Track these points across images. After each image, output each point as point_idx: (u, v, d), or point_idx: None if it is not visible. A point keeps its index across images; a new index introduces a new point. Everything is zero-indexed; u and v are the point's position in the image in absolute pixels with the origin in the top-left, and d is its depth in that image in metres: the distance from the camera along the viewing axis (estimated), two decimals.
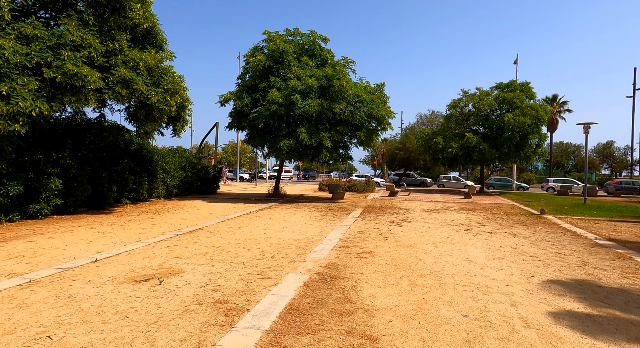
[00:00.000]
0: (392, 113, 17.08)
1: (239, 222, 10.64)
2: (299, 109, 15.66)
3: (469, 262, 6.35)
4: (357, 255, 6.84)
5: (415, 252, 7.10)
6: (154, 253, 6.63)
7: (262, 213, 12.74)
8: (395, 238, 8.53)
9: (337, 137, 16.68)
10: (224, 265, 5.89)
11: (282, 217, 12.02)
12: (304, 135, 15.76)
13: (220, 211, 13.15)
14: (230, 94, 16.96)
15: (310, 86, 15.99)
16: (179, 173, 18.36)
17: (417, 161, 35.11)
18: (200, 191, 20.39)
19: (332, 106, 15.97)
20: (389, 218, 12.05)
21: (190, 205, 14.93)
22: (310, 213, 13.15)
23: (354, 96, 16.41)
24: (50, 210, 10.44)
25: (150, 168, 15.75)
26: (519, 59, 33.98)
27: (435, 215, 13.29)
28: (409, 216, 12.77)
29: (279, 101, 15.65)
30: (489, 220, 12.05)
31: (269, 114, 15.87)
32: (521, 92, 24.91)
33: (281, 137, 16.64)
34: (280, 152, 16.28)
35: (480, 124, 26.66)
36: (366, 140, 17.17)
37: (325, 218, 11.88)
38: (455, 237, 8.85)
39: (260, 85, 16.52)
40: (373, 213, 13.34)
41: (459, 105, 27.69)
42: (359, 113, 16.42)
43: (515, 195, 24.80)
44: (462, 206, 16.81)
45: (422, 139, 29.34)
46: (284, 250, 7.14)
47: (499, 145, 25.04)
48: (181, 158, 19.63)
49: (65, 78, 8.88)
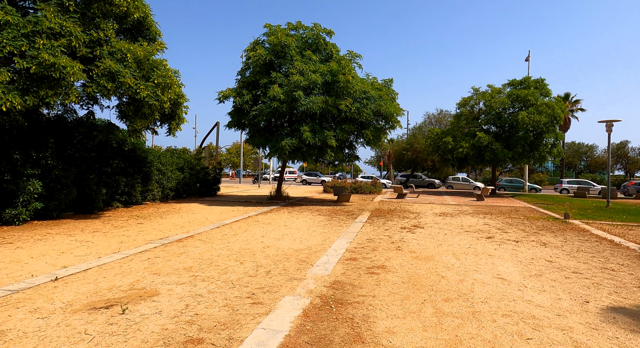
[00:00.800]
0: (401, 110, 16.05)
1: (235, 229, 9.68)
2: (301, 106, 14.69)
3: (502, 280, 5.32)
4: (367, 270, 5.83)
5: (435, 267, 6.08)
6: (129, 268, 5.68)
7: (261, 218, 11.78)
8: (409, 248, 7.51)
9: (343, 136, 15.69)
10: (208, 285, 4.92)
11: (283, 222, 11.04)
12: (308, 134, 14.79)
13: (217, 215, 12.20)
14: (230, 90, 16.05)
15: (314, 82, 15.02)
16: (176, 174, 17.47)
17: (425, 162, 34.00)
18: (200, 193, 19.49)
19: (337, 103, 14.99)
20: (399, 224, 11.03)
21: (186, 208, 14.01)
22: (314, 217, 12.16)
23: (360, 92, 15.42)
24: (29, 215, 9.55)
25: (144, 169, 14.86)
26: (530, 55, 32.78)
27: (449, 219, 12.23)
28: (421, 221, 11.74)
29: (280, 98, 14.70)
30: (509, 225, 10.97)
31: (270, 111, 14.93)
32: (535, 90, 23.74)
33: (283, 136, 15.68)
34: (282, 152, 15.32)
35: (491, 122, 25.53)
36: (373, 139, 16.15)
37: (330, 223, 10.89)
38: (477, 246, 7.80)
39: (261, 81, 15.58)
40: (382, 218, 12.32)
41: (469, 104, 26.58)
42: (365, 110, 15.42)
43: (529, 197, 23.61)
44: (476, 209, 15.73)
45: (430, 139, 28.25)
46: (282, 263, 6.15)
47: (512, 145, 23.89)
48: (179, 159, 18.75)
49: (41, 69, 7.99)
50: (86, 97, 12.22)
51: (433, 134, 28.03)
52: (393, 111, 15.71)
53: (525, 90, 23.53)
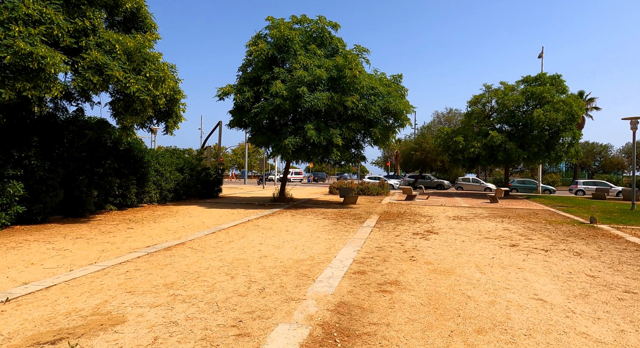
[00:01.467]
0: (411, 107, 15.14)
1: (231, 234, 8.86)
2: (306, 103, 13.86)
3: (542, 303, 4.42)
4: (379, 287, 4.97)
5: (458, 283, 5.19)
6: (101, 284, 4.88)
7: (262, 222, 10.96)
8: (424, 258, 6.63)
9: (349, 135, 14.82)
10: (188, 308, 4.09)
11: (284, 226, 10.21)
12: (312, 132, 13.96)
13: (215, 219, 11.41)
14: (230, 87, 15.26)
15: (319, 77, 14.18)
16: (175, 175, 16.75)
17: (434, 162, 32.97)
18: (200, 195, 18.75)
19: (343, 99, 14.13)
20: (411, 229, 10.13)
21: (184, 211, 13.24)
22: (318, 221, 11.31)
23: (368, 88, 14.54)
24: (10, 219, 8.83)
25: (140, 170, 14.14)
26: (544, 52, 31.60)
27: (465, 224, 11.30)
28: (434, 225, 10.82)
29: (283, 94, 13.88)
30: (532, 231, 10.02)
31: (272, 108, 14.12)
32: (552, 86, 22.66)
33: (287, 134, 14.86)
34: (286, 152, 14.49)
35: (504, 121, 24.48)
36: (382, 137, 15.25)
37: (335, 228, 10.03)
38: (502, 256, 6.89)
39: (263, 77, 14.78)
40: (391, 222, 11.43)
41: (480, 102, 25.55)
42: (373, 107, 14.53)
43: (545, 199, 22.51)
44: (492, 212, 14.75)
45: (440, 138, 27.25)
46: (279, 278, 5.31)
47: (527, 145, 22.82)
48: (179, 159, 18.03)
49: (17, 59, 7.26)
50: (76, 93, 11.55)
51: (443, 133, 27.03)
52: (402, 108, 14.81)
53: (540, 86, 22.45)
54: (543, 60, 31.49)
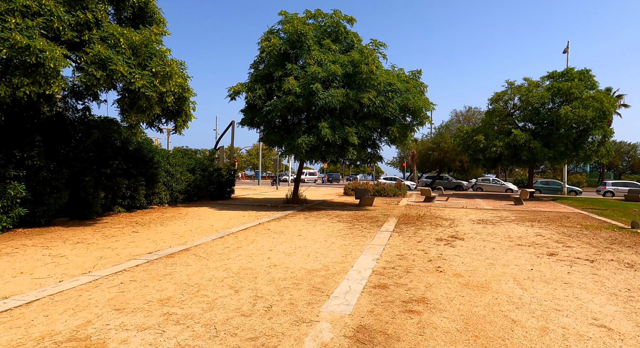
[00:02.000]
0: (431, 104, 14.33)
1: (240, 239, 8.29)
2: (320, 100, 13.23)
3: (607, 332, 3.65)
4: (404, 305, 4.28)
5: (497, 301, 4.45)
6: (89, 299, 4.33)
7: (273, 226, 10.36)
8: (453, 269, 5.89)
9: (365, 133, 14.11)
10: (181, 331, 3.49)
11: (297, 230, 9.58)
12: (326, 131, 13.31)
13: (225, 222, 10.87)
14: (241, 85, 14.75)
15: (333, 73, 13.53)
16: (186, 176, 16.34)
17: (453, 162, 31.88)
18: (212, 196, 18.31)
19: (359, 96, 13.44)
20: (433, 234, 9.36)
21: (194, 213, 12.77)
22: (333, 225, 10.65)
23: (385, 84, 13.81)
24: (12, 222, 8.46)
25: (150, 171, 13.75)
26: (569, 47, 30.15)
27: (491, 228, 10.46)
28: (458, 230, 10.02)
29: (296, 91, 13.28)
30: (569, 237, 9.12)
31: (284, 106, 13.53)
32: (580, 82, 21.41)
33: (300, 133, 14.27)
34: (299, 151, 13.88)
35: (528, 119, 23.32)
36: (399, 136, 14.48)
37: (351, 232, 9.34)
38: (542, 268, 6.09)
39: (276, 74, 14.21)
40: (411, 226, 10.68)
41: (502, 99, 24.44)
42: (391, 104, 13.79)
43: (574, 201, 21.28)
44: (518, 215, 13.80)
45: (459, 138, 26.22)
46: (289, 292, 4.68)
47: (553, 143, 21.64)
48: (190, 159, 17.64)
49: (13, 52, 6.84)
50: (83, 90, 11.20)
51: (462, 132, 25.99)
52: (422, 105, 14.02)
53: (568, 82, 21.23)
54: (568, 56, 30.04)
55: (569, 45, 30.32)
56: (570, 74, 22.15)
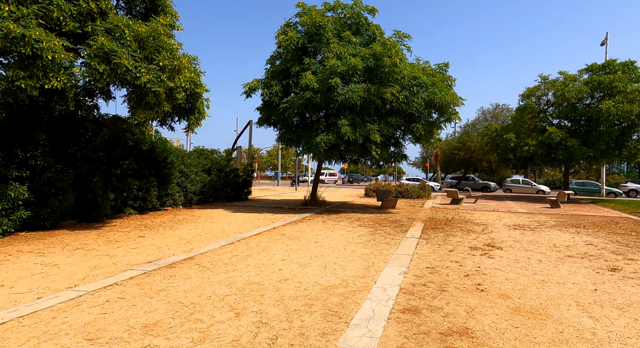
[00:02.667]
0: (460, 99, 13.23)
1: (251, 246, 7.55)
2: (339, 96, 12.39)
3: None
4: (442, 339, 3.39)
5: (563, 336, 3.49)
6: (62, 324, 3.65)
7: (288, 230, 9.59)
8: (496, 288, 4.93)
9: (388, 131, 13.16)
10: None
11: (313, 236, 8.77)
12: (346, 129, 12.46)
13: (237, 226, 10.20)
14: (257, 81, 14.08)
15: (354, 67, 12.66)
16: (201, 177, 15.84)
17: (480, 162, 30.34)
18: (228, 198, 17.74)
19: (381, 91, 12.51)
20: (466, 241, 8.36)
21: (207, 215, 12.18)
22: (354, 229, 9.78)
23: (409, 78, 12.83)
24: (14, 225, 8.03)
25: (163, 171, 13.27)
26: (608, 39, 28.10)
27: (531, 235, 9.34)
28: (493, 237, 8.97)
29: (314, 86, 12.49)
30: (627, 247, 7.92)
31: (302, 103, 12.76)
32: (624, 74, 19.67)
33: (318, 131, 13.47)
34: (317, 150, 13.07)
35: (563, 116, 21.69)
36: (425, 134, 13.45)
37: (373, 239, 8.46)
38: (608, 287, 5.04)
39: (293, 69, 13.47)
40: (439, 231, 9.68)
41: (535, 95, 22.87)
42: (416, 99, 12.80)
43: (617, 204, 19.57)
44: (559, 220, 12.52)
45: (487, 136, 24.79)
46: (299, 317, 3.87)
47: (592, 142, 19.99)
48: (206, 160, 17.16)
49: (6, 43, 6.34)
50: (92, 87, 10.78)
51: (491, 130, 24.55)
52: (450, 100, 12.95)
53: (610, 75, 19.54)
54: (607, 48, 28.01)
55: (607, 36, 28.28)
56: (612, 66, 20.42)
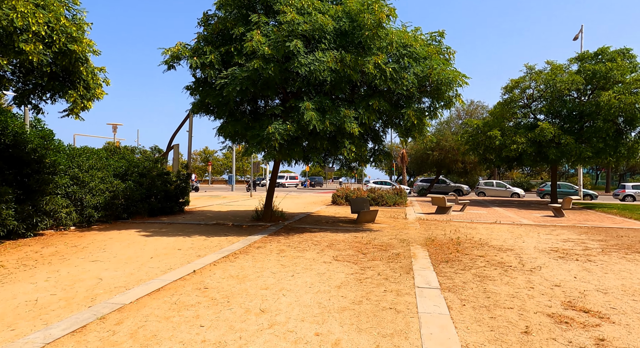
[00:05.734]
0: (464, 77, 9.83)
1: (120, 335, 3.48)
2: (301, 68, 8.57)
3: None
4: None
5: None
6: None
7: (219, 276, 5.57)
8: None
9: (369, 119, 9.51)
10: None
11: (260, 292, 4.84)
12: (311, 115, 8.67)
13: (134, 268, 6.03)
14: (182, 47, 9.83)
15: (321, 27, 8.89)
16: (110, 185, 11.34)
17: (455, 163, 27.76)
18: (153, 211, 13.23)
19: (360, 62, 8.86)
20: (521, 294, 4.84)
21: (100, 244, 7.85)
22: (328, 270, 5.96)
23: (398, 45, 9.28)
24: None
25: (37, 177, 8.76)
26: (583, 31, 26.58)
27: (600, 271, 6.03)
28: (552, 279, 5.54)
29: (264, 52, 8.58)
30: None
31: (247, 76, 8.79)
32: (622, 62, 17.51)
33: (272, 119, 9.56)
34: (270, 145, 9.15)
35: (553, 111, 19.30)
36: (418, 124, 9.92)
37: (366, 295, 4.69)
38: None
39: (235, 31, 9.43)
40: (459, 267, 6.13)
41: (520, 86, 20.38)
42: (407, 76, 9.27)
43: (622, 210, 17.30)
44: (591, 237, 9.50)
45: (467, 134, 22.08)
46: None
47: (587, 138, 17.67)
48: (121, 161, 12.66)
49: None
50: None
51: (471, 127, 21.85)
52: (452, 78, 9.52)
53: (608, 63, 17.27)
54: (582, 42, 26.47)
55: (582, 29, 26.77)
56: (606, 54, 18.25)
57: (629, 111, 16.17)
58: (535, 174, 52.31)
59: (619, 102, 15.97)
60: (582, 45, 26.23)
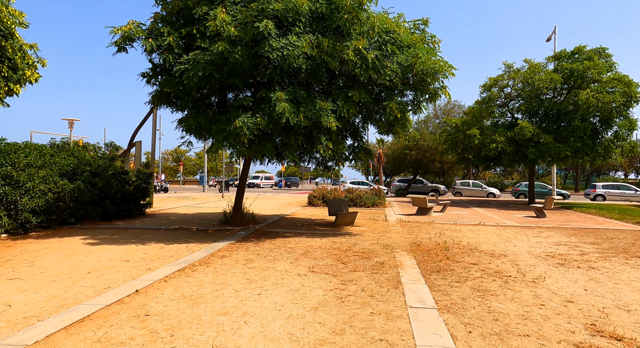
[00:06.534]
0: (451, 67, 9.09)
1: None
2: (273, 52, 7.55)
3: None
4: None
5: None
6: None
7: (167, 296, 4.48)
8: None
9: (349, 113, 8.58)
10: None
11: (216, 315, 3.79)
12: (284, 106, 7.67)
13: (69, 284, 4.84)
14: (136, 26, 8.58)
15: (295, 8, 7.90)
16: (54, 185, 9.90)
17: (433, 163, 27.40)
18: (107, 215, 11.76)
19: (338, 48, 7.94)
20: (533, 313, 4.04)
21: (31, 256, 6.54)
22: (302, 284, 4.98)
23: (381, 30, 8.43)
24: None
25: None
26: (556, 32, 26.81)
27: (609, 281, 5.36)
28: (562, 292, 4.80)
29: (230, 33, 7.50)
30: None
31: (210, 60, 7.69)
32: (599, 61, 17.45)
33: (239, 111, 8.49)
34: (238, 141, 8.08)
35: (532, 110, 19.09)
36: (401, 118, 9.09)
37: (343, 309, 3.74)
38: None
39: (198, 10, 8.26)
40: (453, 279, 5.31)
41: (499, 85, 20.11)
42: (390, 65, 8.43)
43: (600, 210, 17.21)
44: (583, 239, 8.99)
45: (446, 132, 21.67)
46: None
47: (565, 138, 17.53)
48: (69, 158, 11.22)
49: None
50: None
51: (450, 125, 21.44)
52: (438, 68, 8.75)
53: (586, 61, 17.15)
54: (556, 43, 26.70)
55: (555, 30, 27.01)
56: (582, 53, 18.19)
57: (606, 110, 16.09)
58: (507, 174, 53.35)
59: (596, 101, 15.85)
60: (555, 46, 26.43)
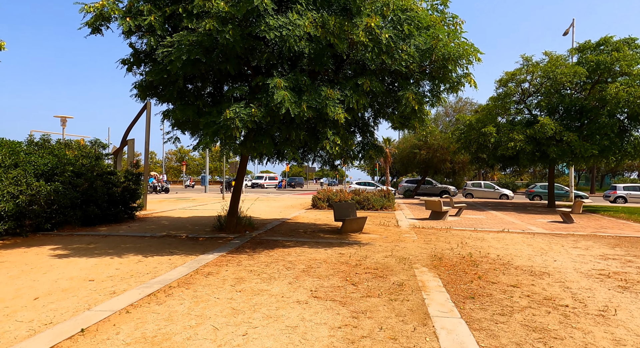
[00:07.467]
0: (477, 51, 7.87)
1: None
2: (269, 32, 6.39)
3: None
4: None
5: None
6: None
7: (122, 338, 3.33)
8: None
9: (359, 104, 7.40)
10: None
11: None
12: (283, 95, 6.51)
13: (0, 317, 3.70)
14: (110, 2, 7.47)
15: None
16: (27, 186, 8.82)
17: (443, 163, 26.11)
18: (90, 219, 10.64)
19: (346, 28, 6.76)
20: None
21: None
22: (303, 318, 3.80)
23: (396, 7, 7.24)
24: None
25: None
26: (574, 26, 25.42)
27: None
28: None
29: (220, 11, 6.36)
30: None
31: (197, 41, 6.55)
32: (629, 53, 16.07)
33: (232, 100, 7.35)
34: (230, 136, 6.94)
35: (553, 106, 17.75)
36: (419, 110, 7.89)
37: None
38: None
39: None
40: (495, 310, 4.12)
41: (516, 79, 18.79)
42: (406, 48, 7.23)
43: (626, 214, 15.87)
44: (634, 253, 7.73)
45: (459, 130, 20.39)
46: None
47: (590, 135, 16.19)
48: (47, 157, 10.15)
49: None
50: None
51: (464, 123, 20.15)
52: (462, 52, 7.54)
53: (614, 53, 15.78)
54: (573, 37, 25.31)
55: (574, 23, 25.63)
56: (609, 44, 16.81)
57: (637, 105, 14.72)
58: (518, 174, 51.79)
59: (627, 95, 14.51)
60: (572, 40, 25.04)
